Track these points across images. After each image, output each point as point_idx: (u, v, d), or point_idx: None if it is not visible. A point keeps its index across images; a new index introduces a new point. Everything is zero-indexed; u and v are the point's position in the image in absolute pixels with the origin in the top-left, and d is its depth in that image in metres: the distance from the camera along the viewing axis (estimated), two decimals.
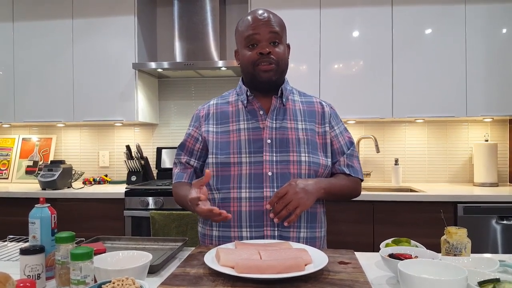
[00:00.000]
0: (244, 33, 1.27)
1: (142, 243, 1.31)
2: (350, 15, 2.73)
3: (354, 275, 0.92)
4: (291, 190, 1.13)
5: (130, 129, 3.28)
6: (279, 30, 1.27)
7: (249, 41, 1.26)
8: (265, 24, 1.25)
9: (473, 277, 0.85)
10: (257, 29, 1.25)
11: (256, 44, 1.25)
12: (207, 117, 1.36)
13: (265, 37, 1.24)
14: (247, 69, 1.29)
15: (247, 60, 1.27)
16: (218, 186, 1.27)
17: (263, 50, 1.23)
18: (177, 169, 1.39)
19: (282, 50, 1.28)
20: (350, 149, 1.36)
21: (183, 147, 1.38)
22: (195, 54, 2.91)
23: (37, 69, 2.97)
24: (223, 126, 1.32)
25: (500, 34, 2.63)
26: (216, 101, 1.39)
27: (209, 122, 1.34)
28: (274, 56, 1.25)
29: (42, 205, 1.02)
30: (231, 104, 1.35)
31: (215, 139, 1.30)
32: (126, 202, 2.57)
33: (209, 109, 1.37)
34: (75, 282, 0.85)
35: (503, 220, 2.33)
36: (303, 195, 1.13)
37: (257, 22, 1.25)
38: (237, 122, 1.30)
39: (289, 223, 1.14)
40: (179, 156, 1.39)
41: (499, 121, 2.96)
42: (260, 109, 1.31)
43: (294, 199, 1.12)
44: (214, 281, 0.88)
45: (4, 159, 3.26)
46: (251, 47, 1.26)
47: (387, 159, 3.04)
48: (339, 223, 2.41)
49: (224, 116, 1.33)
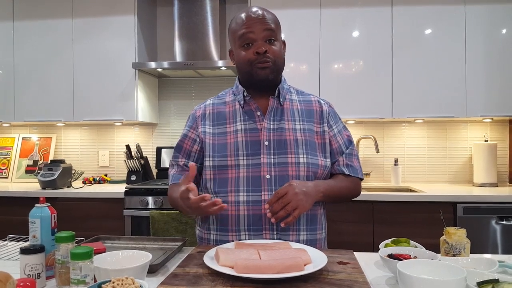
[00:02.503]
0: (238, 32, 1.23)
1: (141, 243, 1.31)
2: (350, 15, 2.73)
3: (353, 275, 0.93)
4: (291, 191, 1.10)
5: (130, 129, 3.28)
6: (274, 27, 1.23)
7: (244, 40, 1.22)
8: (260, 22, 1.21)
9: (472, 277, 0.85)
10: (251, 27, 1.21)
11: (251, 43, 1.22)
12: (203, 117, 1.33)
13: (260, 35, 1.21)
14: (243, 69, 1.26)
15: (243, 60, 1.24)
16: (215, 189, 1.25)
17: (259, 50, 1.20)
18: (173, 170, 1.35)
19: (278, 48, 1.25)
20: (349, 148, 1.33)
21: (180, 149, 1.35)
22: (195, 54, 2.91)
23: (37, 69, 2.97)
24: (220, 127, 1.29)
25: (499, 34, 2.63)
26: (213, 101, 1.36)
27: (205, 123, 1.31)
28: (271, 55, 1.22)
29: (42, 204, 1.03)
30: (228, 104, 1.33)
31: (211, 141, 1.28)
32: (126, 202, 2.57)
33: (205, 109, 1.35)
34: (75, 281, 0.85)
35: (502, 220, 2.33)
36: (302, 197, 1.11)
37: (251, 20, 1.21)
38: (234, 124, 1.28)
39: (286, 224, 1.11)
40: (176, 158, 1.35)
41: (498, 122, 2.96)
42: (257, 110, 1.28)
43: (294, 200, 1.09)
44: (214, 281, 0.88)
45: (4, 158, 3.27)
46: (246, 47, 1.23)
47: (386, 159, 3.05)
48: (338, 223, 2.41)
49: (221, 117, 1.31)
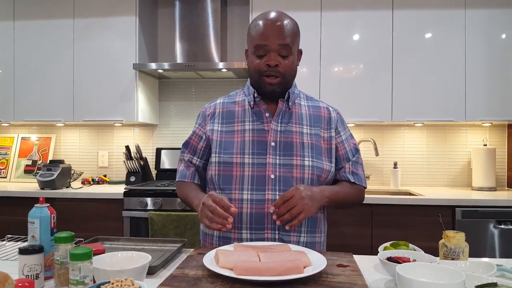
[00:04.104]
0: (254, 41, 1.24)
1: (141, 244, 1.31)
2: (350, 19, 2.74)
3: (353, 278, 0.93)
4: (297, 194, 1.11)
5: (130, 130, 3.28)
6: (289, 41, 1.23)
7: (258, 50, 1.24)
8: (276, 35, 1.21)
9: (471, 281, 0.85)
10: (267, 40, 1.21)
11: (264, 54, 1.23)
12: (212, 115, 1.36)
13: (275, 47, 1.22)
14: (253, 76, 1.28)
15: (254, 68, 1.26)
16: (220, 186, 1.27)
17: (270, 63, 1.22)
18: (181, 166, 1.40)
19: (291, 62, 1.25)
20: (355, 156, 1.36)
21: (187, 144, 1.39)
22: (195, 55, 2.92)
23: (38, 69, 2.97)
24: (228, 126, 1.32)
25: (499, 38, 2.64)
26: (223, 100, 1.39)
27: (214, 121, 1.34)
28: (281, 69, 1.23)
29: (41, 204, 1.03)
30: (237, 104, 1.35)
31: (219, 138, 1.30)
32: (125, 203, 2.57)
33: (215, 107, 1.37)
34: (74, 282, 0.85)
35: (501, 224, 2.33)
36: (308, 201, 1.12)
37: (268, 31, 1.22)
38: (242, 123, 1.30)
39: (290, 227, 1.13)
40: (183, 153, 1.40)
41: (498, 126, 2.97)
42: (266, 111, 1.30)
43: (299, 204, 1.10)
44: (213, 282, 0.88)
45: (3, 158, 3.26)
46: (259, 56, 1.24)
47: (386, 162, 3.05)
48: (338, 226, 2.41)
49: (230, 115, 1.33)
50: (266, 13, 1.26)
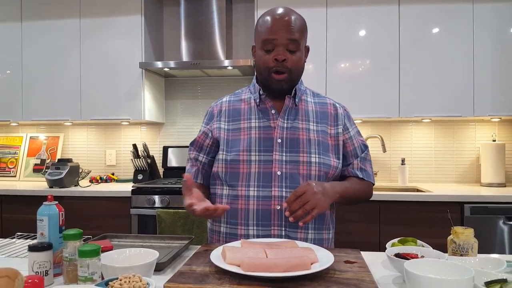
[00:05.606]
0: (262, 35, 1.24)
1: (148, 241, 1.32)
2: (356, 14, 2.72)
3: (360, 274, 0.92)
4: (310, 190, 1.10)
5: (137, 128, 3.29)
6: (298, 36, 1.22)
7: (266, 45, 1.23)
8: (284, 29, 1.21)
9: (480, 277, 0.85)
10: (275, 34, 1.21)
11: (272, 49, 1.23)
12: (219, 114, 1.36)
13: (283, 42, 1.21)
14: (261, 71, 1.28)
15: (262, 63, 1.25)
16: (228, 182, 1.28)
17: (278, 57, 1.21)
18: (188, 164, 1.42)
19: (298, 57, 1.25)
20: (364, 152, 1.36)
21: (194, 142, 1.40)
22: (201, 53, 2.92)
23: (45, 68, 3.00)
24: (235, 124, 1.32)
25: (508, 33, 2.61)
26: (229, 98, 1.39)
27: (220, 119, 1.34)
28: (289, 65, 1.23)
29: (50, 202, 1.03)
30: (243, 101, 1.35)
31: (226, 136, 1.31)
32: (133, 201, 2.59)
33: (221, 106, 1.38)
34: (82, 278, 0.86)
35: (510, 220, 2.31)
36: (321, 196, 1.11)
37: (277, 26, 1.21)
38: (249, 120, 1.30)
39: (304, 223, 1.11)
40: (190, 151, 1.41)
41: (506, 121, 2.93)
42: (272, 108, 1.30)
43: (312, 199, 1.09)
44: (220, 279, 0.89)
45: (12, 157, 3.30)
46: (267, 51, 1.24)
47: (393, 158, 3.03)
48: (345, 223, 2.41)
49: (236, 113, 1.33)
50: (274, 9, 1.26)
